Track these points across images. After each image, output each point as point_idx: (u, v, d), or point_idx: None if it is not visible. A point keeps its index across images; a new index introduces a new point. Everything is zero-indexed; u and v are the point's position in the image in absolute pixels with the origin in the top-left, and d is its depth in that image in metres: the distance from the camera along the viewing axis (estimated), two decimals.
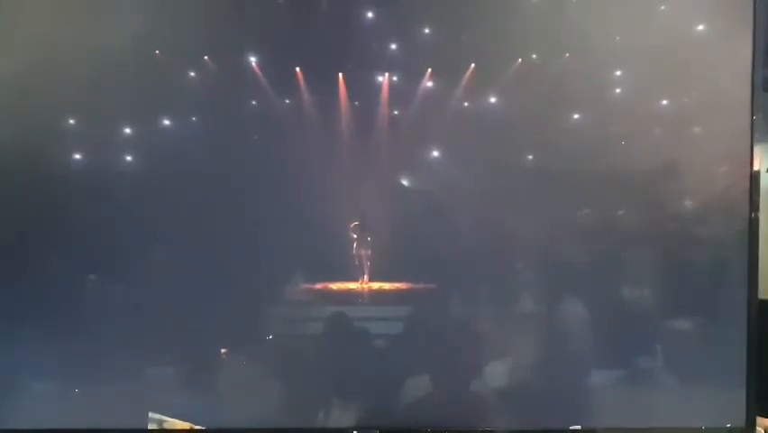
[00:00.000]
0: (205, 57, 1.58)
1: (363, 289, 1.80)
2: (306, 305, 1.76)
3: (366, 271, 1.88)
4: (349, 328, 1.84)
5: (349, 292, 1.82)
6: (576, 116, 1.67)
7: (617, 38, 1.63)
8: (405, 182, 1.80)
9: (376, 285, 1.80)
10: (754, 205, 1.65)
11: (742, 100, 1.60)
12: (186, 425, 1.55)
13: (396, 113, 1.71)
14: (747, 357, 1.57)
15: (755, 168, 1.65)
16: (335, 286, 1.82)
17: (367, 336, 1.85)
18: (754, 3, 1.63)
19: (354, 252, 1.86)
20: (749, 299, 1.58)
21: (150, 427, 1.53)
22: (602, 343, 1.65)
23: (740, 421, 1.57)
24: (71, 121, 1.56)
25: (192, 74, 1.59)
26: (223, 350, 1.66)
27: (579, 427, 1.57)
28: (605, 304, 1.66)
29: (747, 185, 1.61)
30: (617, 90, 1.62)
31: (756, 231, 1.64)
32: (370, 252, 1.83)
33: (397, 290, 1.81)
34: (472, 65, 1.66)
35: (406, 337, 1.77)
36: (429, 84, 1.70)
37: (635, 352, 1.66)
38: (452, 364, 1.76)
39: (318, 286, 1.81)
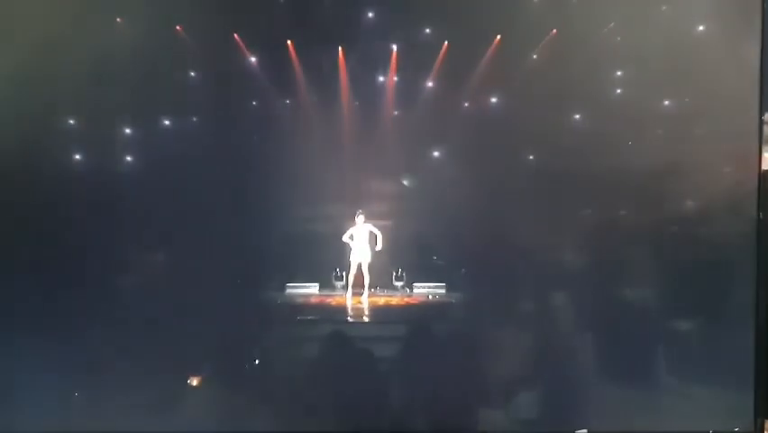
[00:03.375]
0: (205, 55, 1.57)
1: (364, 303, 1.65)
2: (300, 323, 1.64)
3: (368, 283, 1.76)
4: (348, 350, 1.63)
5: (347, 307, 1.69)
6: (586, 118, 1.67)
7: (626, 38, 1.64)
8: (414, 186, 1.71)
9: (382, 300, 1.66)
10: (762, 205, 1.63)
11: (750, 100, 1.61)
12: None
13: (396, 113, 1.63)
14: (755, 361, 1.54)
15: (764, 168, 1.64)
16: (333, 301, 1.69)
17: (369, 361, 1.66)
18: (763, 4, 1.62)
19: (353, 263, 1.73)
20: (756, 301, 1.54)
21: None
22: (609, 347, 1.65)
23: (748, 425, 1.56)
24: (66, 120, 1.56)
25: (192, 73, 1.59)
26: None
27: (585, 430, 1.56)
28: (612, 308, 1.66)
29: (756, 185, 1.61)
30: (627, 91, 1.64)
31: (765, 231, 1.62)
32: (370, 261, 1.71)
33: (407, 305, 1.69)
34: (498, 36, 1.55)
35: (411, 349, 1.67)
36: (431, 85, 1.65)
37: (643, 356, 1.65)
38: (459, 369, 1.68)
39: (314, 300, 1.68)
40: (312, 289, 1.68)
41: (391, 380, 1.64)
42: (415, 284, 1.63)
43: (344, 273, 1.71)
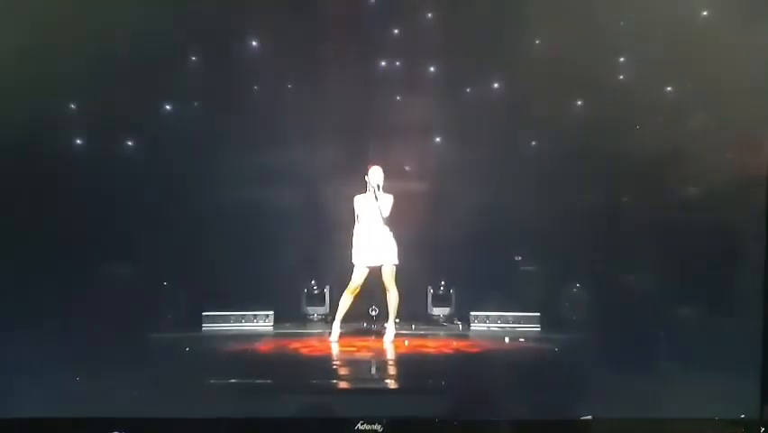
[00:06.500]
0: (203, 44, 1.39)
1: (387, 352, 0.82)
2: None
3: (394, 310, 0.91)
4: None
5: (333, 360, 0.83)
6: (591, 108, 1.52)
7: (635, 25, 1.49)
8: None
9: (406, 342, 0.83)
10: None
11: (762, 89, 1.45)
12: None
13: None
14: (762, 349, 1.43)
15: None
16: (305, 346, 0.86)
17: None
18: None
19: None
20: (765, 290, 1.43)
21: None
22: (616, 335, 1.48)
23: (754, 412, 1.43)
24: (68, 107, 1.39)
25: (193, 58, 1.35)
26: None
27: (590, 417, 1.39)
28: (621, 297, 1.50)
29: (766, 173, 1.42)
30: (638, 77, 1.50)
31: None
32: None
33: (458, 355, 0.86)
34: None
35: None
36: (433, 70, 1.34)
37: (650, 344, 1.50)
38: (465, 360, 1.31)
39: (263, 345, 0.79)
40: (261, 322, 0.82)
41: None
42: (473, 313, 0.86)
43: (328, 290, 0.87)
